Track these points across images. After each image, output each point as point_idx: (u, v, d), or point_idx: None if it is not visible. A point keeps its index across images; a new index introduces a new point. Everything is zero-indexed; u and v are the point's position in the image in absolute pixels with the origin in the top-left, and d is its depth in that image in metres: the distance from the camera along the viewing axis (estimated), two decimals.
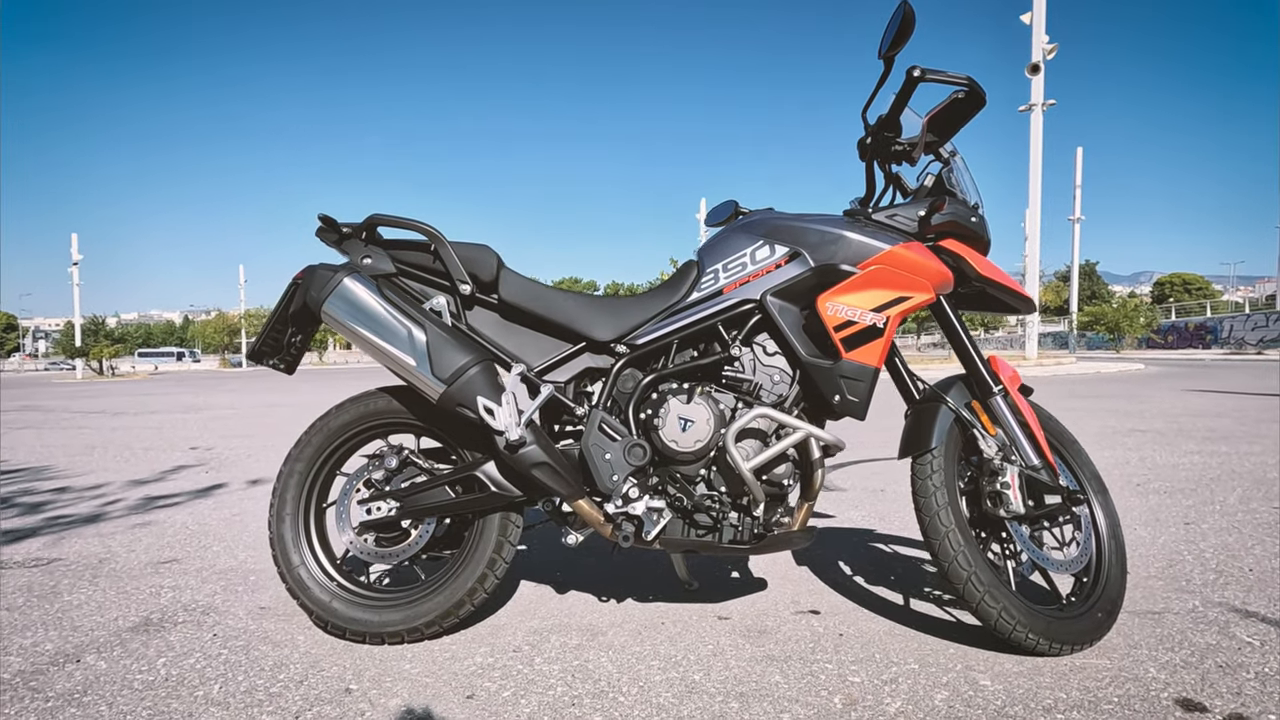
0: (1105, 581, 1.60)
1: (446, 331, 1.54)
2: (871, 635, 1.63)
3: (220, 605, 1.87)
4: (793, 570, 2.13)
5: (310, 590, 1.61)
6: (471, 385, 1.49)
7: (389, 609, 1.59)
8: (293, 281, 1.66)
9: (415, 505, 1.60)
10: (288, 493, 1.66)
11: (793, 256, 1.59)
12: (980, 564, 1.49)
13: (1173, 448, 4.36)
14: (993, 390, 1.62)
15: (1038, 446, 1.60)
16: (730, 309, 1.61)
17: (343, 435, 1.68)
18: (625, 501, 1.54)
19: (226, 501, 3.21)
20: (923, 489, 1.54)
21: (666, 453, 1.56)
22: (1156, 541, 2.34)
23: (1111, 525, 1.67)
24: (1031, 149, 19.43)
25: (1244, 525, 2.53)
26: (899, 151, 1.67)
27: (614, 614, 1.79)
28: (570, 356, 1.68)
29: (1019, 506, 1.53)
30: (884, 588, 1.96)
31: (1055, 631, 1.48)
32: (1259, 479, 3.34)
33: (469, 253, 1.65)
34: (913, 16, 1.47)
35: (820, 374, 1.54)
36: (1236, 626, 1.65)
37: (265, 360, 1.72)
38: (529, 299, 1.66)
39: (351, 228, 1.68)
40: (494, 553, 1.60)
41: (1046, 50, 18.78)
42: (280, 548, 1.64)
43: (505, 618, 1.77)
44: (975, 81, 1.51)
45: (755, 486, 1.50)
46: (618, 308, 1.67)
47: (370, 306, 1.54)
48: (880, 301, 1.52)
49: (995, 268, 1.67)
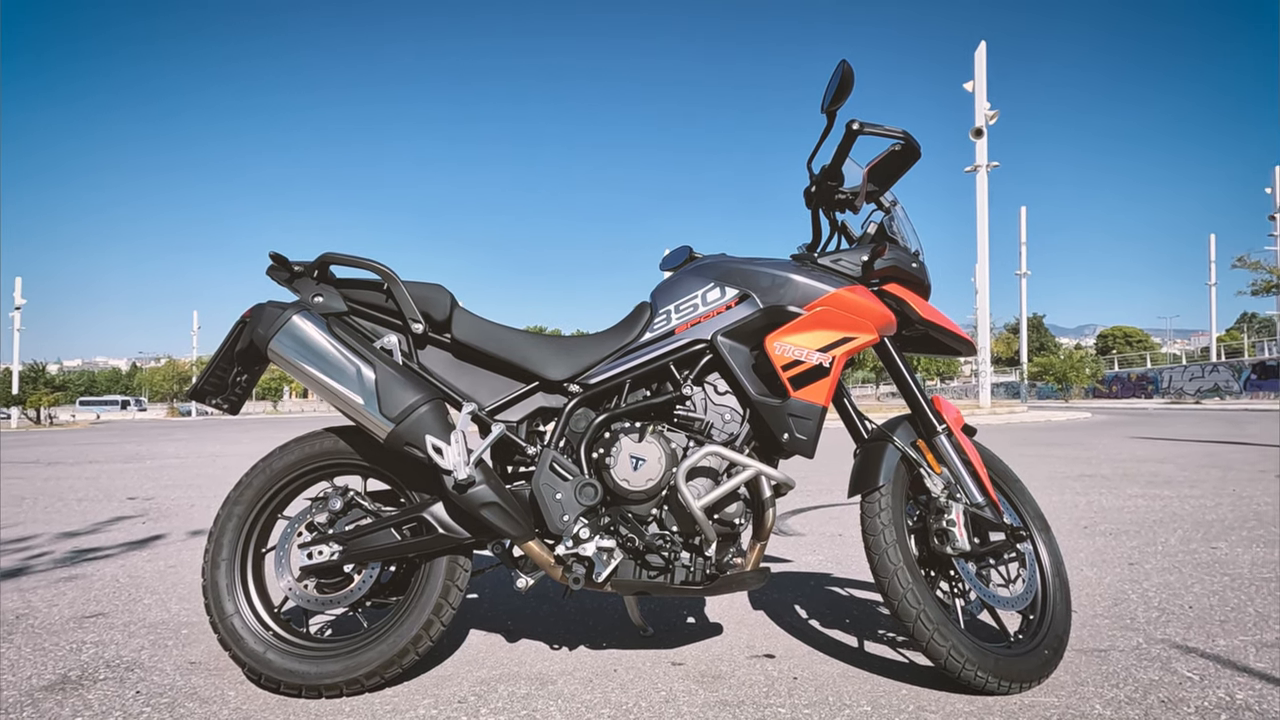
0: (1051, 619, 1.62)
1: (396, 370, 1.53)
2: (825, 678, 1.62)
3: (147, 661, 1.76)
4: (749, 614, 2.11)
5: (244, 641, 1.53)
6: (420, 424, 1.47)
7: (328, 659, 1.52)
8: (240, 319, 1.63)
9: (359, 549, 1.55)
10: (224, 537, 1.59)
11: (743, 298, 1.63)
12: (928, 602, 1.50)
13: (1118, 492, 4.49)
14: (937, 429, 1.66)
15: (981, 485, 1.64)
16: (682, 349, 1.63)
17: (286, 477, 1.63)
18: (576, 542, 1.52)
19: (163, 553, 3.05)
20: (871, 527, 1.56)
21: (618, 492, 1.55)
22: (1103, 581, 2.39)
23: (1055, 562, 1.71)
24: (978, 208, 20.41)
25: (1184, 565, 2.60)
26: (842, 200, 1.75)
27: (565, 661, 1.74)
28: (523, 396, 1.67)
29: (965, 544, 1.56)
30: (839, 630, 1.95)
31: (1004, 669, 1.49)
32: (1198, 521, 3.45)
33: (422, 291, 1.65)
34: (851, 74, 1.55)
35: (769, 412, 1.56)
36: (1178, 662, 1.68)
37: (208, 399, 1.68)
38: (482, 338, 1.66)
39: (303, 266, 1.67)
40: (441, 598, 1.55)
41: (989, 116, 19.95)
42: (213, 596, 1.56)
43: (452, 667, 1.71)
44: (911, 135, 1.60)
45: (706, 525, 1.50)
46: (571, 347, 1.68)
47: (319, 344, 1.52)
48: (826, 342, 1.56)
49: (936, 311, 1.74)
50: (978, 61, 20.13)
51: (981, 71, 20.05)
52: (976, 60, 20.17)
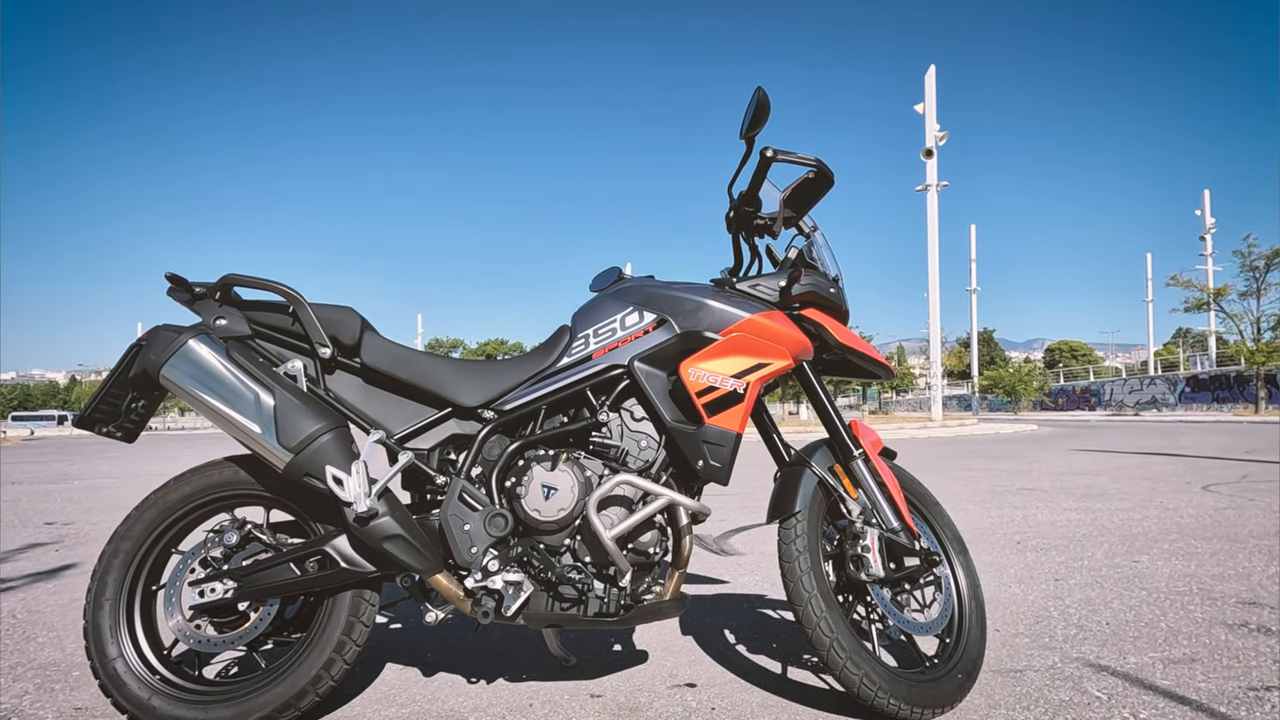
0: (965, 642, 1.63)
1: (298, 397, 1.46)
2: (744, 708, 1.60)
3: (27, 708, 1.65)
4: (676, 641, 2.08)
5: (127, 687, 1.44)
6: (321, 454, 1.41)
7: (218, 704, 1.44)
8: (135, 343, 1.55)
9: (255, 585, 1.48)
10: (109, 575, 1.50)
11: (660, 323, 1.61)
12: (842, 630, 1.49)
13: (1053, 505, 4.61)
14: (854, 454, 1.66)
15: (897, 509, 1.65)
16: (599, 374, 1.61)
17: (181, 509, 1.55)
18: (485, 575, 1.47)
19: (71, 585, 2.88)
20: (787, 554, 1.55)
21: (529, 522, 1.51)
22: (1027, 599, 2.43)
23: (971, 585, 1.72)
24: (929, 225, 21.00)
25: (1106, 580, 2.66)
26: (761, 225, 1.75)
27: (481, 696, 1.68)
28: (435, 423, 1.62)
29: (879, 570, 1.56)
30: (765, 656, 1.93)
31: (917, 696, 1.49)
32: (1125, 534, 3.56)
33: (330, 314, 1.59)
34: (767, 101, 1.56)
35: (684, 439, 1.55)
36: (1089, 681, 1.70)
37: (98, 428, 1.59)
38: (392, 363, 1.60)
39: (205, 287, 1.60)
40: (344, 635, 1.49)
41: (938, 137, 20.60)
42: (95, 639, 1.46)
43: (359, 707, 1.63)
44: (823, 163, 1.62)
45: (618, 556, 1.47)
46: (486, 372, 1.64)
47: (215, 369, 1.45)
48: (740, 368, 1.55)
49: (854, 336, 1.75)
50: (928, 84, 20.81)
51: (931, 94, 20.72)
52: (927, 83, 20.85)
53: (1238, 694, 1.62)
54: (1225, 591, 2.46)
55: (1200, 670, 1.76)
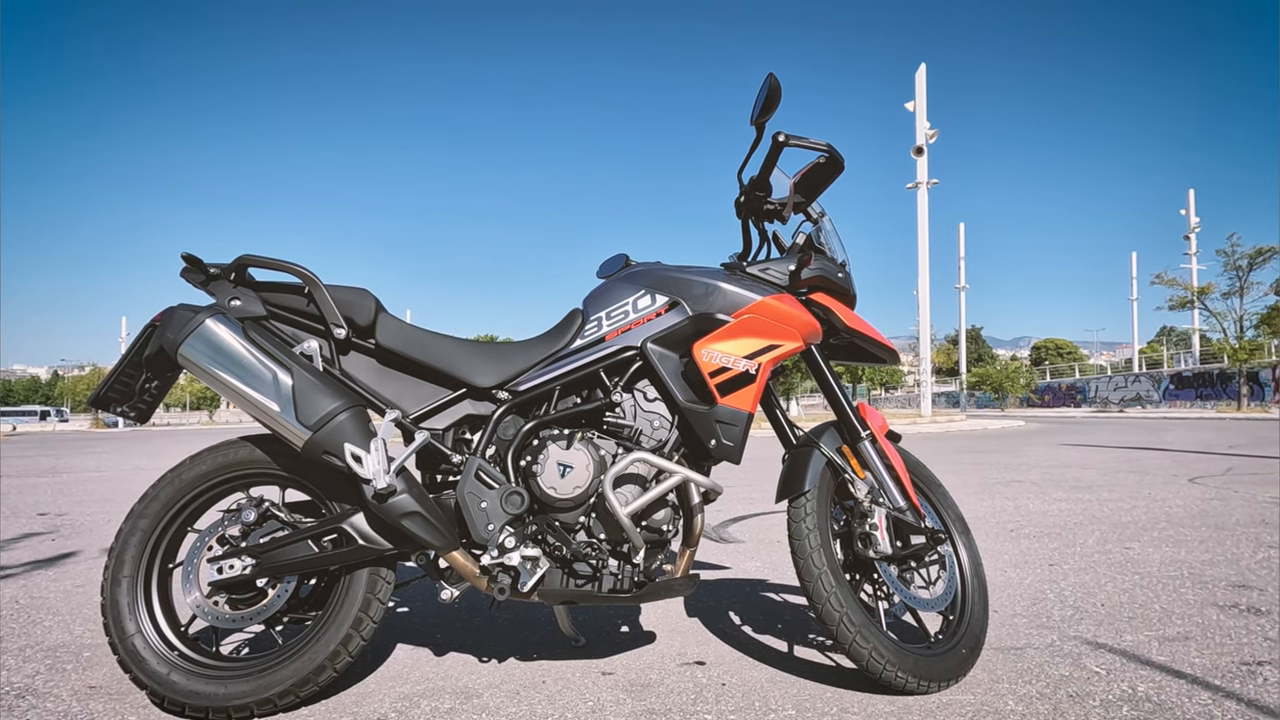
0: (969, 618, 1.67)
1: (315, 376, 1.48)
2: (754, 684, 1.63)
3: (41, 687, 1.65)
4: (683, 622, 2.11)
5: (146, 663, 1.45)
6: (339, 432, 1.43)
7: (237, 679, 1.45)
8: (150, 323, 1.56)
9: (273, 562, 1.49)
10: (126, 553, 1.50)
11: (672, 305, 1.64)
12: (852, 605, 1.52)
13: (1044, 496, 4.68)
14: (861, 435, 1.70)
15: (904, 489, 1.68)
16: (612, 356, 1.63)
17: (198, 488, 1.56)
18: (501, 552, 1.49)
19: (71, 572, 2.87)
20: (797, 532, 1.58)
21: (545, 500, 1.53)
22: (1023, 582, 2.48)
23: (974, 563, 1.76)
24: (919, 223, 21.12)
25: (1099, 565, 2.72)
26: (771, 210, 1.78)
27: (493, 674, 1.70)
28: (450, 403, 1.64)
29: (887, 547, 1.60)
30: (770, 636, 1.97)
31: (923, 669, 1.53)
32: (1115, 523, 3.62)
33: (345, 296, 1.60)
34: (779, 87, 1.59)
35: (697, 419, 1.57)
36: (1087, 658, 1.75)
37: (112, 407, 1.59)
38: (407, 344, 1.62)
39: (220, 268, 1.61)
40: (361, 611, 1.50)
41: (929, 135, 20.71)
42: (113, 615, 1.47)
43: (374, 684, 1.65)
44: (834, 148, 1.65)
45: (634, 533, 1.49)
46: (500, 354, 1.66)
47: (233, 349, 1.46)
48: (752, 349, 1.58)
49: (862, 320, 1.78)
50: (918, 82, 20.91)
51: (922, 92, 20.83)
52: (917, 81, 20.95)
53: (1231, 668, 1.67)
54: (1215, 575, 2.52)
55: (1194, 647, 1.81)
